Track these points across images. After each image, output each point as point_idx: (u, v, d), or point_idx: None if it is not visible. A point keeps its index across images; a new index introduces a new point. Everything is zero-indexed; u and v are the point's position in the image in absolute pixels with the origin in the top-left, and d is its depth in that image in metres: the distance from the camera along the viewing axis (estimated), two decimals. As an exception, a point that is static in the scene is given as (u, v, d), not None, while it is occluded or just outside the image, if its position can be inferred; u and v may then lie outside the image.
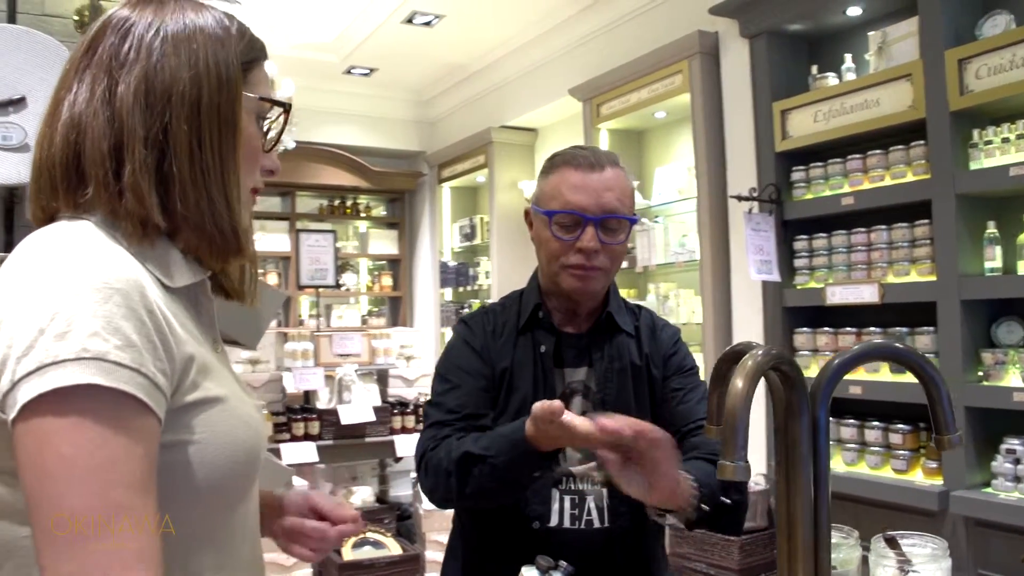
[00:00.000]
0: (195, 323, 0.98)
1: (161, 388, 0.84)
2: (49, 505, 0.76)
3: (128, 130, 0.91)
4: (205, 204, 0.94)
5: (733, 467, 0.93)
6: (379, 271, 7.91)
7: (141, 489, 0.79)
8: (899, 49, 3.45)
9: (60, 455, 0.77)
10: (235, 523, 0.98)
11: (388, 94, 7.36)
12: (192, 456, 0.88)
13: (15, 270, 0.85)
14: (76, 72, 0.96)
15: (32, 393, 0.77)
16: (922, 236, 3.29)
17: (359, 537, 4.20)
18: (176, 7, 0.98)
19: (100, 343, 0.79)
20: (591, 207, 1.62)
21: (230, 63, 0.98)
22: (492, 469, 1.47)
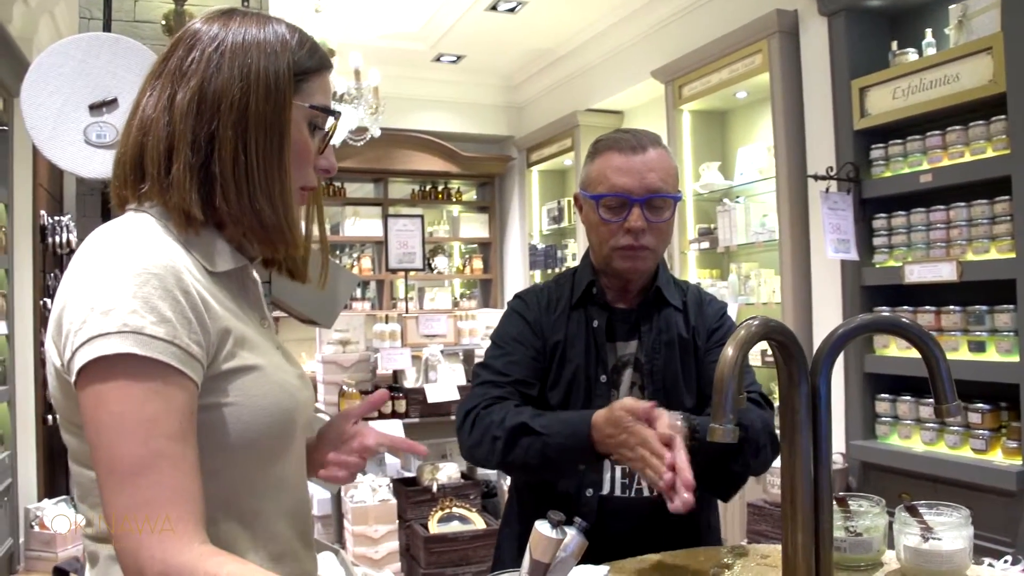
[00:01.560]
0: (240, 302, 1.11)
1: (196, 356, 0.98)
2: (105, 452, 0.93)
3: (179, 133, 1.04)
4: (247, 202, 1.07)
5: (722, 430, 1.00)
6: (470, 254, 8.06)
7: (179, 439, 0.95)
8: (980, 22, 3.38)
9: (110, 411, 0.93)
10: (274, 476, 1.10)
11: (476, 80, 7.49)
12: (228, 416, 1.03)
13: (81, 259, 1.02)
14: (151, 80, 1.10)
15: (84, 360, 0.94)
16: (1002, 213, 3.22)
17: (445, 512, 4.34)
18: (242, 21, 1.11)
19: (138, 319, 0.94)
20: (636, 188, 1.68)
21: (280, 73, 1.09)
22: (543, 447, 1.55)
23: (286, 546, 1.12)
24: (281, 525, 1.11)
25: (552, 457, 1.55)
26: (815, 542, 1.12)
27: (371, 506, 4.14)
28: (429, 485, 4.46)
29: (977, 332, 3.28)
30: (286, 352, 1.19)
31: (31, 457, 4.83)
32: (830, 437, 1.13)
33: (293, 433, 1.13)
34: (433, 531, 4.20)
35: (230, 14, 1.12)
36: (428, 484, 4.47)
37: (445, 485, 4.51)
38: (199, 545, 0.92)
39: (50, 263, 5.20)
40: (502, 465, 1.64)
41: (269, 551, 1.08)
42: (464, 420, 1.69)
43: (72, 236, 5.19)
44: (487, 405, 1.67)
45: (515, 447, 1.58)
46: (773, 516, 3.78)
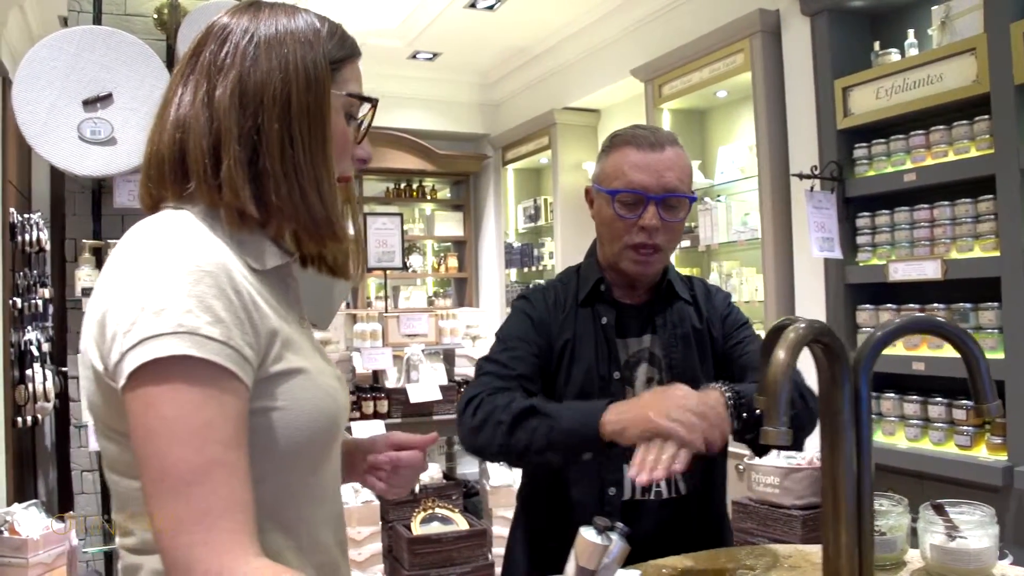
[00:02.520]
0: (282, 301, 1.08)
1: (248, 359, 0.94)
2: (156, 459, 0.88)
3: (224, 129, 1.01)
4: (298, 196, 1.04)
5: (776, 432, 0.99)
6: (445, 252, 8.04)
7: (233, 445, 0.90)
8: (963, 23, 3.42)
9: (163, 417, 0.88)
10: (317, 482, 1.08)
11: (452, 78, 7.46)
12: (276, 422, 0.99)
13: (122, 257, 0.97)
14: (182, 76, 1.06)
15: (136, 363, 0.88)
16: (986, 211, 3.26)
17: (428, 512, 4.32)
18: (271, 12, 1.08)
19: (193, 319, 0.89)
20: (653, 186, 1.67)
21: (318, 63, 1.06)
22: (549, 430, 1.52)
23: (328, 556, 1.09)
24: (324, 533, 1.09)
25: (557, 440, 1.52)
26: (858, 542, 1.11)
27: (354, 508, 4.11)
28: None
29: (962, 329, 3.31)
30: (323, 353, 1.16)
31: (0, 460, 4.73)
32: (871, 438, 1.13)
33: (336, 438, 1.11)
34: (416, 532, 4.18)
35: (257, 6, 1.10)
36: (410, 484, 4.44)
37: (427, 486, 4.49)
38: (255, 559, 0.89)
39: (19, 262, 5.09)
40: (503, 449, 1.58)
41: (314, 561, 1.05)
42: (466, 406, 1.65)
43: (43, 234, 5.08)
44: (491, 393, 1.64)
45: (519, 429, 1.55)
46: (759, 514, 3.80)
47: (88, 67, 2.30)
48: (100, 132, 2.31)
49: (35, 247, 5.06)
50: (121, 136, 2.33)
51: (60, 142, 2.28)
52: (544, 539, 1.77)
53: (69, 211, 2.63)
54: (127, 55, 2.34)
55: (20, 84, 2.25)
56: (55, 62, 2.29)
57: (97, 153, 2.31)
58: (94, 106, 2.30)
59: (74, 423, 2.58)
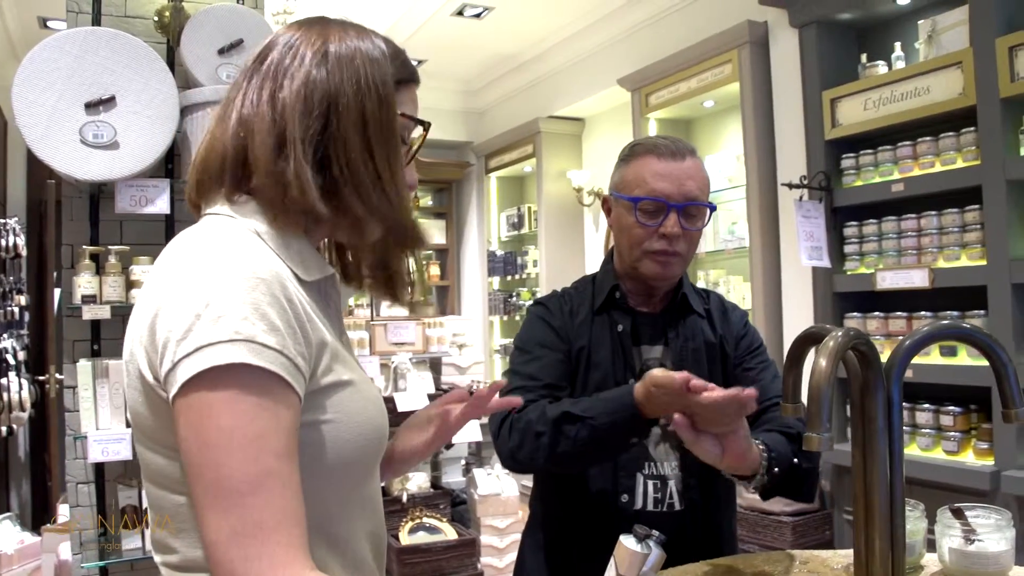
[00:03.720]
0: (324, 313, 1.07)
1: (301, 369, 0.93)
2: (210, 469, 0.86)
3: (289, 129, 1.01)
4: (387, 203, 1.05)
5: (819, 439, 1.01)
6: (427, 260, 8.03)
7: (287, 456, 0.89)
8: (949, 38, 3.48)
9: (219, 426, 0.86)
10: (364, 496, 1.07)
11: (436, 85, 7.46)
12: (327, 434, 0.98)
13: (171, 263, 0.96)
14: (246, 79, 1.06)
15: (192, 371, 0.87)
16: (972, 221, 3.32)
17: (415, 522, 4.31)
18: (340, 29, 1.08)
19: (249, 327, 0.88)
20: (674, 194, 1.69)
21: (387, 83, 1.07)
22: (591, 430, 1.53)
23: (369, 570, 1.08)
24: (365, 547, 1.08)
25: (602, 437, 1.53)
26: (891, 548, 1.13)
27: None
28: (399, 495, 4.43)
29: (950, 338, 3.36)
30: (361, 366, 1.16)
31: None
32: (902, 443, 1.15)
33: (383, 449, 1.10)
34: (404, 542, 4.17)
35: (324, 20, 1.11)
36: (398, 494, 4.44)
37: (415, 495, 4.48)
38: (310, 572, 0.87)
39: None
40: (551, 460, 1.59)
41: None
42: (500, 427, 1.67)
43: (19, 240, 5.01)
44: (521, 409, 1.64)
45: (562, 437, 1.56)
46: (749, 520, 3.83)
47: (91, 69, 2.26)
48: (102, 136, 2.27)
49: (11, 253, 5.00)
50: (124, 140, 2.30)
51: (61, 146, 2.24)
52: (559, 546, 1.77)
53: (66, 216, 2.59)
54: (131, 58, 2.31)
55: (21, 86, 2.21)
56: (57, 63, 2.24)
57: (99, 157, 2.27)
58: (96, 109, 2.26)
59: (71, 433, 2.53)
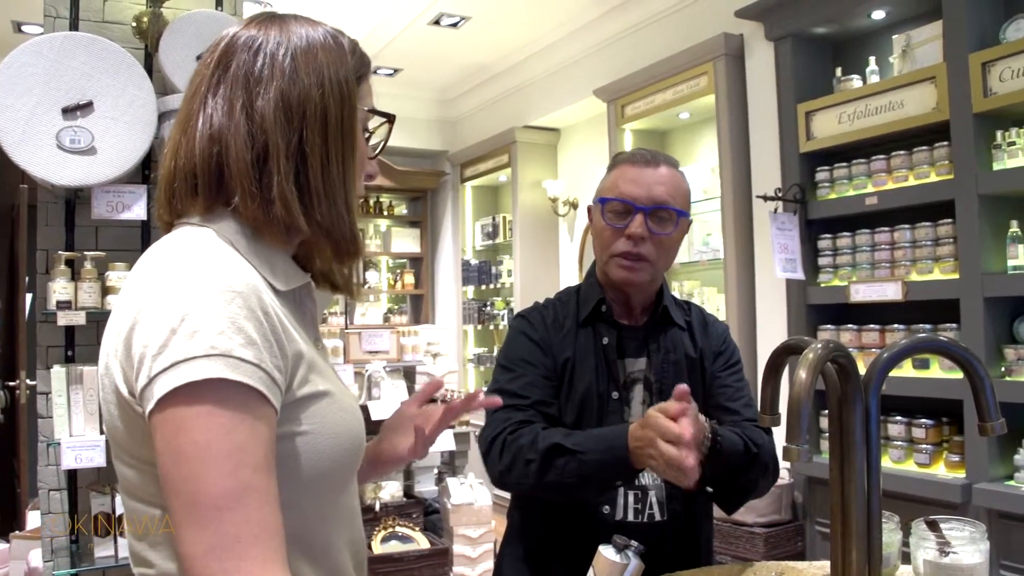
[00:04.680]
0: (299, 323, 1.05)
1: (277, 382, 0.92)
2: (187, 484, 0.85)
3: (272, 144, 0.99)
4: (334, 212, 1.03)
5: (797, 450, 1.01)
6: (401, 269, 8.01)
7: (265, 470, 0.88)
8: (923, 52, 3.52)
9: (195, 441, 0.85)
10: (341, 507, 1.06)
11: (412, 94, 7.45)
12: (304, 446, 0.97)
13: (146, 275, 0.95)
14: (208, 87, 1.02)
15: (168, 387, 0.86)
16: (945, 235, 3.36)
17: (388, 531, 4.29)
18: (297, 25, 1.06)
19: (226, 341, 0.87)
20: (641, 197, 1.71)
21: (349, 78, 1.05)
22: (579, 465, 1.54)
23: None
24: (345, 557, 1.07)
25: (589, 475, 1.54)
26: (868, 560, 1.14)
27: (314, 526, 4.05)
28: (372, 503, 4.40)
29: (922, 350, 3.39)
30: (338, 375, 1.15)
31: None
32: (879, 456, 1.16)
33: (360, 458, 1.09)
34: (377, 551, 4.14)
35: (281, 17, 1.08)
36: (370, 503, 4.41)
37: (388, 504, 4.46)
38: None
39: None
40: (538, 487, 1.61)
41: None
42: (491, 446, 1.67)
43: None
44: (513, 430, 1.65)
45: (551, 468, 1.57)
46: (721, 531, 3.85)
47: (68, 74, 2.24)
48: (80, 141, 2.25)
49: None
50: (101, 145, 2.27)
51: (38, 151, 2.21)
52: (539, 556, 1.77)
53: (41, 222, 2.56)
54: (109, 63, 2.28)
55: None
56: (34, 68, 2.22)
57: (76, 163, 2.25)
58: (74, 114, 2.24)
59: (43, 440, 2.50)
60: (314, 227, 1.02)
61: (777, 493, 3.80)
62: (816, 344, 1.08)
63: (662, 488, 1.72)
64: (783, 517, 3.82)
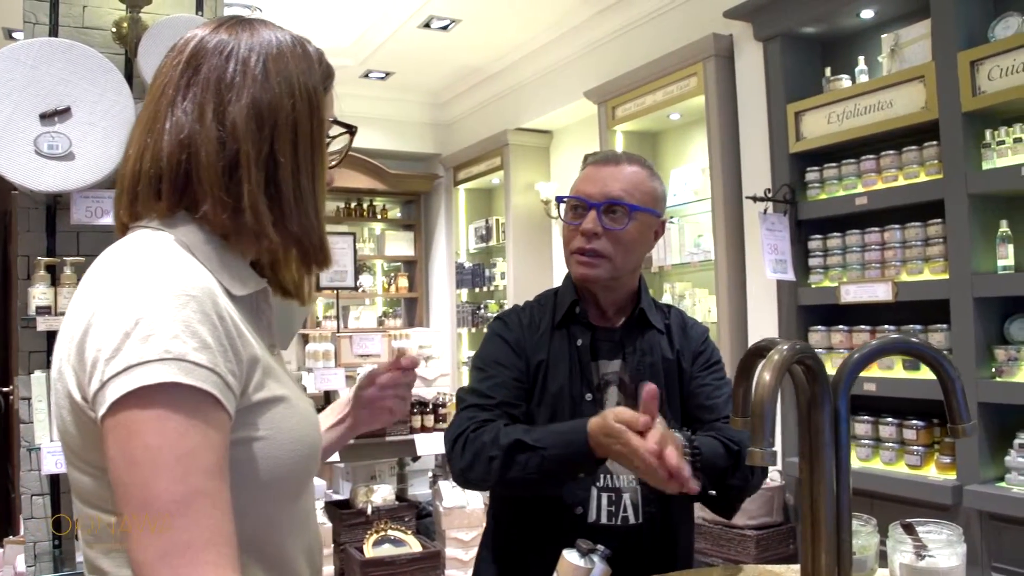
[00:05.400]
0: (255, 328, 1.04)
1: (231, 387, 0.91)
2: (137, 489, 0.84)
3: (243, 152, 0.98)
4: (305, 220, 1.03)
5: (761, 453, 1.00)
6: (395, 272, 8.00)
7: (217, 475, 0.87)
8: (912, 51, 3.51)
9: (146, 445, 0.84)
10: (297, 512, 1.05)
11: (404, 97, 7.45)
12: (258, 451, 0.96)
13: (101, 279, 0.93)
14: (177, 90, 1.01)
15: (120, 391, 0.84)
16: (935, 235, 3.34)
17: (380, 535, 4.27)
18: (266, 31, 1.06)
19: (180, 345, 0.86)
20: (595, 194, 1.73)
21: (317, 88, 1.06)
22: (541, 461, 1.53)
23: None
24: (301, 563, 1.06)
25: (551, 470, 1.53)
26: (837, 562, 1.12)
27: (306, 530, 4.04)
28: (364, 507, 4.38)
29: (912, 351, 3.37)
30: (296, 380, 1.14)
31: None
32: (849, 458, 1.14)
33: (317, 464, 1.08)
34: (369, 555, 4.12)
35: (248, 22, 1.07)
36: (363, 506, 4.39)
37: (380, 507, 4.44)
38: None
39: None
40: (500, 484, 1.60)
41: None
42: (454, 444, 1.66)
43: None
44: (476, 428, 1.65)
45: (513, 464, 1.56)
46: (713, 534, 3.83)
47: (46, 80, 2.24)
48: (57, 147, 2.25)
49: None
50: (79, 151, 2.27)
51: (16, 156, 2.21)
52: (513, 559, 1.76)
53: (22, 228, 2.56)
54: (87, 69, 2.28)
55: None
56: (11, 74, 2.22)
57: (54, 168, 2.24)
58: (51, 120, 2.23)
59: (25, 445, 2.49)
60: (285, 236, 1.02)
61: (768, 495, 3.78)
62: (782, 345, 1.06)
63: (637, 491, 1.70)
64: (775, 519, 3.80)
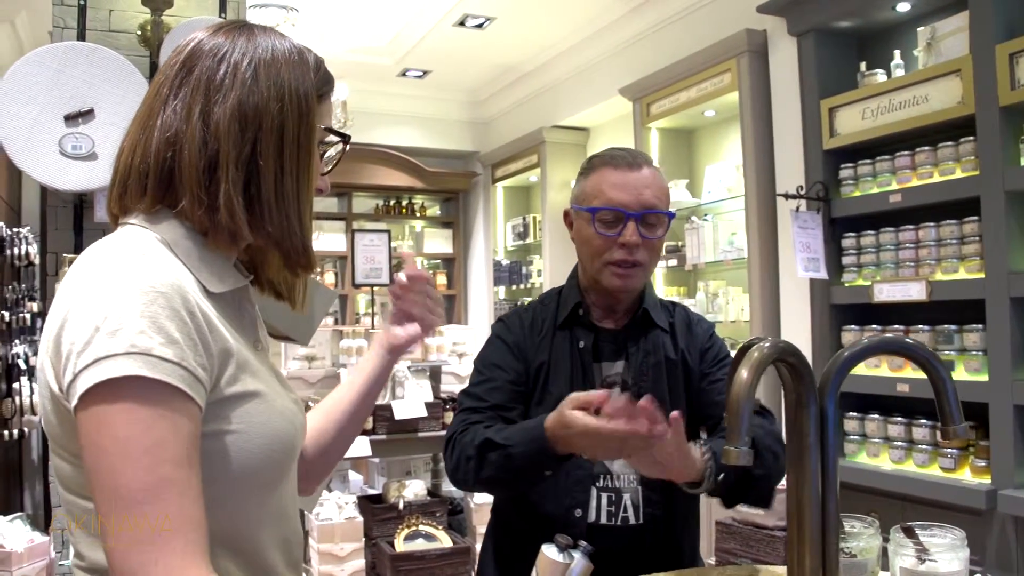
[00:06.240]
0: (237, 325, 1.08)
1: (201, 380, 0.94)
2: (108, 478, 0.88)
3: (223, 152, 1.01)
4: (286, 224, 1.05)
5: (737, 452, 0.98)
6: (434, 270, 8.03)
7: (185, 464, 0.90)
8: (948, 45, 3.43)
9: (115, 436, 0.88)
10: (272, 506, 1.07)
11: (442, 95, 7.48)
12: (230, 444, 0.99)
13: (78, 276, 0.97)
14: (171, 89, 1.04)
15: (89, 383, 0.88)
16: (971, 233, 3.26)
17: (411, 529, 4.30)
18: (264, 36, 1.08)
19: (146, 340, 0.89)
20: (631, 203, 1.70)
21: (310, 95, 1.08)
22: (507, 459, 1.54)
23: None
24: (275, 556, 1.08)
25: (519, 467, 1.54)
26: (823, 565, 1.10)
27: (337, 524, 4.08)
28: (395, 502, 4.41)
29: (946, 351, 3.31)
30: (280, 376, 1.16)
31: (-15, 473, 4.72)
32: (836, 459, 1.12)
33: (293, 461, 1.10)
34: (400, 549, 4.15)
35: (249, 27, 1.10)
36: (394, 501, 4.42)
37: (412, 502, 4.46)
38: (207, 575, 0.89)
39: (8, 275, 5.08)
40: (479, 483, 1.63)
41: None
42: (447, 446, 1.70)
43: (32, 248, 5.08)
44: (463, 429, 1.67)
45: (484, 463, 1.59)
46: (742, 534, 3.78)
47: (70, 83, 2.31)
48: (81, 147, 2.32)
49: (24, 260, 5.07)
50: (102, 151, 2.34)
51: (42, 157, 2.29)
52: (512, 558, 1.76)
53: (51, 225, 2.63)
54: (109, 71, 2.35)
55: (3, 99, 2.27)
56: (37, 77, 2.30)
57: (78, 168, 2.32)
58: (75, 121, 2.31)
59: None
60: (263, 236, 1.05)
61: (800, 496, 3.73)
62: (763, 343, 1.05)
63: (638, 491, 1.69)
64: (806, 521, 3.75)
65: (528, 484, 1.63)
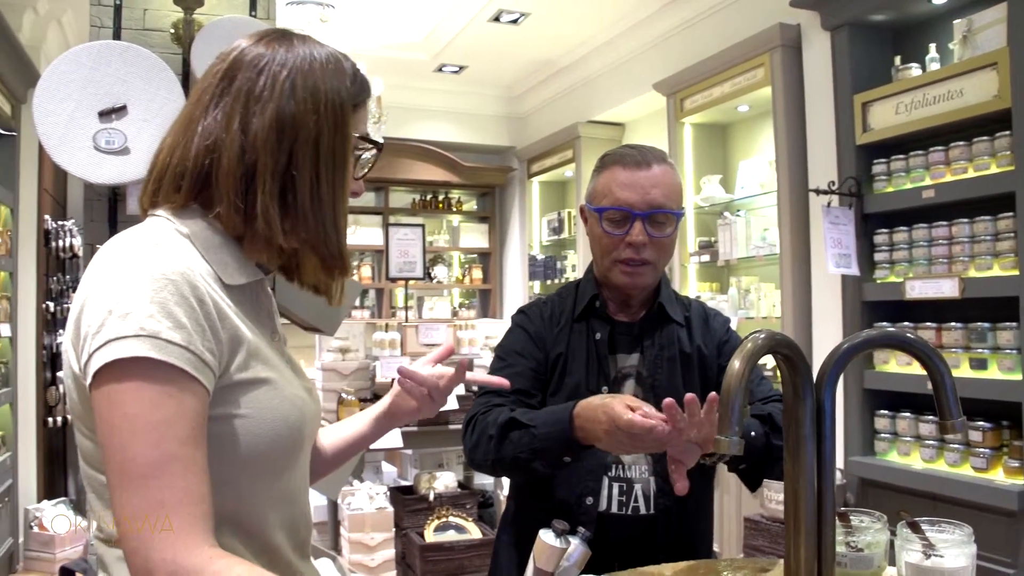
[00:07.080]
0: (253, 316, 1.12)
1: (208, 364, 0.99)
2: (117, 453, 0.93)
3: (261, 163, 1.06)
4: (321, 230, 1.10)
5: (727, 441, 0.99)
6: (470, 264, 8.06)
7: (190, 442, 0.95)
8: (985, 37, 3.38)
9: (124, 413, 0.93)
10: (278, 489, 1.11)
11: (478, 90, 7.50)
12: (239, 428, 1.04)
13: (99, 264, 1.03)
14: (212, 97, 1.09)
15: (101, 362, 0.94)
16: (1005, 229, 3.21)
17: (442, 521, 4.33)
18: (303, 46, 1.12)
19: (155, 324, 0.95)
20: (638, 203, 1.71)
21: (345, 106, 1.12)
22: (531, 439, 1.57)
23: (281, 556, 1.12)
24: (280, 537, 1.12)
25: (541, 448, 1.57)
26: (818, 558, 1.11)
27: (368, 513, 4.13)
28: (426, 494, 4.45)
29: (979, 349, 3.27)
30: (296, 366, 1.21)
31: (31, 459, 4.86)
32: (834, 452, 1.13)
33: (301, 447, 1.15)
34: (429, 540, 4.19)
35: (289, 37, 1.14)
36: (425, 493, 4.46)
37: (442, 494, 4.50)
38: (208, 548, 0.93)
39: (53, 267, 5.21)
40: (497, 463, 1.65)
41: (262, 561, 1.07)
42: (467, 426, 1.73)
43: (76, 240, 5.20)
44: (485, 411, 1.70)
45: (506, 441, 1.62)
46: (771, 531, 3.77)
47: (104, 80, 2.40)
48: (114, 142, 2.40)
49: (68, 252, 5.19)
50: (134, 146, 2.42)
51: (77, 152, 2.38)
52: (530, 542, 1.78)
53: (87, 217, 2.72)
54: (142, 69, 2.43)
55: (40, 96, 2.37)
56: (73, 75, 2.39)
57: (111, 162, 2.40)
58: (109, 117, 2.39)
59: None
60: (299, 242, 1.10)
61: (829, 494, 3.71)
62: (759, 334, 1.06)
63: (649, 482, 1.71)
64: (835, 518, 3.72)
65: (545, 470, 1.64)
